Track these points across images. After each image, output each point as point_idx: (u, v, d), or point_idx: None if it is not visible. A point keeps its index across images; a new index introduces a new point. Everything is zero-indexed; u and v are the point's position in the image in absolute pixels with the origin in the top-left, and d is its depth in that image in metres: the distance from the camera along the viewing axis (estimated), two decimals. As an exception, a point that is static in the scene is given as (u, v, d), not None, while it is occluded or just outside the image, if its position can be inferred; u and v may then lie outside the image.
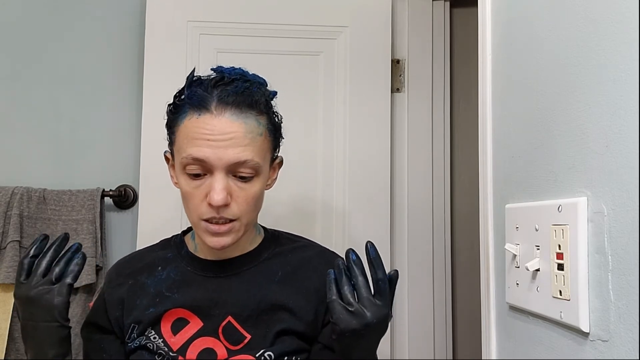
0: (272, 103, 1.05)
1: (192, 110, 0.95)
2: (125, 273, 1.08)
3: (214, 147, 0.92)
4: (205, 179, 0.95)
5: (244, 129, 0.94)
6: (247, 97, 0.96)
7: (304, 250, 1.11)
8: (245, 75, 1.01)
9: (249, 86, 0.98)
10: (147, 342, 1.00)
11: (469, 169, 2.02)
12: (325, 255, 1.11)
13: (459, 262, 2.01)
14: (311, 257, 1.09)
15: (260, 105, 0.98)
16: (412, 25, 1.96)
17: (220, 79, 0.98)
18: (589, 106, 0.64)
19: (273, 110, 1.04)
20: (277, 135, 1.04)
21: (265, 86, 1.04)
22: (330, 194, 1.83)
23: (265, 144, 0.98)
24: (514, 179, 0.84)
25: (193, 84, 0.99)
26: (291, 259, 1.08)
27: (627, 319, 0.57)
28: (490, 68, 0.93)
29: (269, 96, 1.03)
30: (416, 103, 1.94)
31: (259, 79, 1.04)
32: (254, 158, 0.94)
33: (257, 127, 0.96)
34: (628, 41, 0.58)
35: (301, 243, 1.13)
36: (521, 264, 0.78)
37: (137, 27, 1.89)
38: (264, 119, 0.98)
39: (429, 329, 1.91)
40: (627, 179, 0.57)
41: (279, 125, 1.05)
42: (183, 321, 1.00)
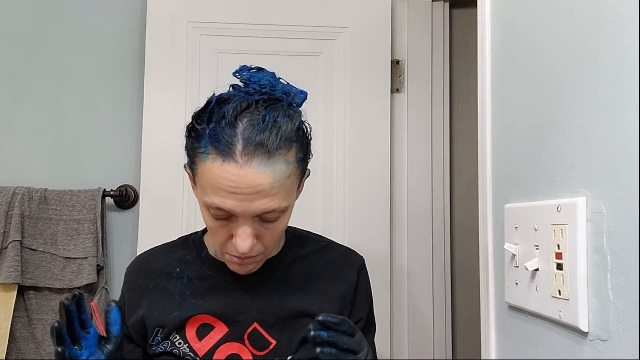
0: (302, 110, 0.95)
1: (216, 153, 0.85)
2: (144, 273, 1.05)
3: (239, 199, 0.85)
4: (231, 221, 0.89)
5: (272, 178, 0.85)
6: (276, 134, 0.85)
7: (327, 251, 1.09)
8: (274, 93, 0.90)
9: (278, 115, 0.87)
10: (172, 348, 0.98)
11: (468, 169, 2.02)
12: (348, 257, 1.10)
13: (459, 261, 2.01)
14: (334, 259, 1.08)
15: (290, 138, 0.88)
16: (411, 25, 1.96)
17: (246, 107, 0.87)
18: (588, 106, 0.64)
19: (303, 130, 0.93)
20: (306, 158, 0.95)
21: (295, 98, 0.93)
22: (330, 194, 1.84)
23: (293, 180, 0.90)
24: (513, 179, 0.84)
25: (214, 112, 0.88)
26: (315, 263, 1.06)
27: (626, 318, 0.57)
28: (490, 68, 0.93)
29: (299, 117, 0.93)
30: (416, 103, 1.94)
31: (287, 90, 0.93)
32: (281, 205, 0.88)
33: (286, 170, 0.87)
34: (628, 41, 0.58)
35: (323, 243, 1.11)
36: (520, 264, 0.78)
37: (137, 28, 1.89)
38: (293, 153, 0.89)
39: (428, 328, 1.91)
40: (626, 179, 0.57)
41: (308, 144, 0.96)
42: (208, 327, 0.98)
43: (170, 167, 1.79)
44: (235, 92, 0.91)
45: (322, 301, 1.02)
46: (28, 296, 1.71)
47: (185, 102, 1.82)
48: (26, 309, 1.71)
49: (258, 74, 0.93)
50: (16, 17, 1.88)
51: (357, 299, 1.07)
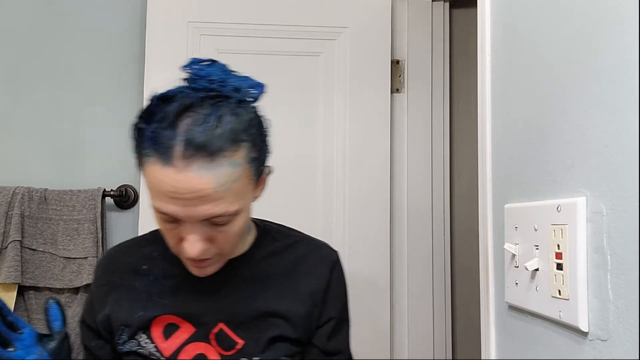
0: (256, 106, 0.90)
1: (156, 156, 0.80)
2: (111, 270, 1.03)
3: (181, 204, 0.81)
4: (180, 224, 0.85)
5: (215, 182, 0.80)
6: (219, 135, 0.80)
7: (299, 247, 1.05)
8: (223, 89, 0.84)
9: (223, 114, 0.81)
10: (138, 348, 0.96)
11: (468, 169, 2.02)
12: (321, 252, 1.06)
13: (459, 261, 2.01)
14: (306, 255, 1.04)
15: (237, 139, 0.82)
16: (411, 26, 1.96)
17: (189, 106, 0.81)
18: (588, 106, 0.64)
19: (256, 127, 0.87)
20: (262, 157, 0.89)
21: (247, 94, 0.87)
22: (330, 194, 1.84)
23: (244, 182, 0.85)
24: (513, 179, 0.84)
25: (156, 112, 0.81)
26: (285, 260, 1.02)
27: (626, 318, 0.57)
28: (490, 68, 0.93)
29: (251, 114, 0.87)
30: (416, 103, 1.94)
31: (239, 85, 0.86)
32: (228, 209, 0.83)
33: (232, 173, 0.81)
34: (628, 41, 0.58)
35: (295, 238, 1.07)
36: (520, 264, 0.78)
37: (137, 28, 1.89)
38: (241, 154, 0.83)
39: (428, 328, 1.91)
40: (626, 179, 0.57)
41: (264, 141, 0.89)
42: (174, 326, 0.97)
43: (170, 167, 1.79)
44: (181, 89, 0.84)
45: (291, 300, 0.99)
46: (28, 296, 1.71)
47: (185, 102, 1.82)
48: (26, 309, 1.71)
49: (207, 68, 0.86)
50: (16, 17, 1.88)
51: (328, 297, 1.03)
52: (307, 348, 1.02)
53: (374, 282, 1.84)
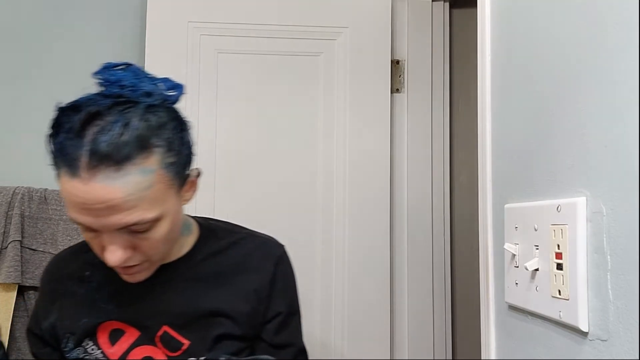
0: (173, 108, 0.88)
1: (64, 167, 0.79)
2: (55, 278, 1.03)
3: (93, 215, 0.79)
4: (100, 233, 0.83)
5: (123, 192, 0.78)
6: (126, 143, 0.77)
7: (243, 244, 1.03)
8: (133, 94, 0.82)
9: (130, 121, 0.79)
10: (85, 355, 0.96)
11: (468, 169, 2.02)
12: (266, 247, 1.05)
13: (459, 262, 2.01)
14: (250, 252, 1.02)
15: (147, 145, 0.80)
16: (411, 26, 1.96)
17: (95, 114, 0.79)
18: (588, 106, 0.64)
19: (172, 131, 0.84)
20: (182, 160, 0.87)
21: (159, 97, 0.85)
22: (330, 194, 1.84)
23: (160, 188, 0.82)
24: (513, 179, 0.84)
25: (63, 121, 0.81)
26: (229, 258, 1.01)
27: (626, 318, 0.57)
28: (490, 68, 0.93)
29: (164, 118, 0.84)
30: (416, 103, 1.94)
31: (151, 89, 0.84)
32: (145, 216, 0.81)
33: (143, 181, 0.79)
34: (628, 41, 0.58)
35: (239, 235, 1.05)
36: (520, 264, 0.78)
37: (137, 28, 1.89)
38: (154, 160, 0.81)
39: (428, 328, 1.91)
40: (626, 179, 0.57)
41: (182, 144, 0.87)
42: (119, 332, 0.96)
43: (170, 167, 1.79)
44: (90, 97, 0.83)
45: (235, 298, 0.98)
46: (28, 296, 1.71)
47: (185, 102, 1.81)
48: (26, 308, 1.71)
49: (118, 73, 0.84)
50: (16, 17, 1.88)
51: (274, 292, 1.01)
52: (256, 343, 1.01)
53: (374, 281, 1.84)
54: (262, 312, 1.00)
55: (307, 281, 1.82)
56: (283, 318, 1.02)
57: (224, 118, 1.84)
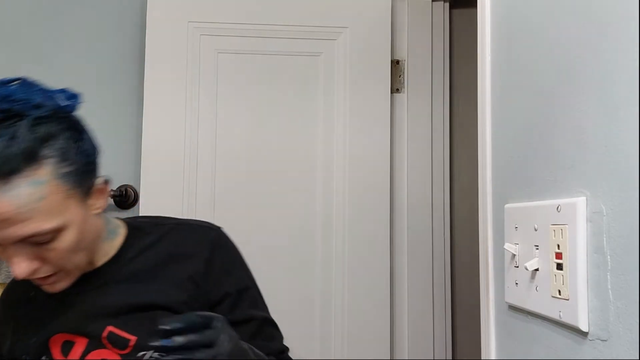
0: (68, 118, 0.88)
1: None
2: (7, 304, 1.04)
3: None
4: (5, 247, 0.83)
5: (14, 205, 0.78)
6: (13, 156, 0.78)
7: (174, 234, 1.03)
8: (24, 108, 0.82)
9: (16, 134, 0.79)
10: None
11: (468, 168, 2.02)
12: (196, 233, 1.04)
13: (459, 262, 2.01)
14: (181, 240, 1.03)
15: (35, 157, 0.80)
16: (411, 26, 1.96)
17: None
18: (588, 106, 0.64)
19: (67, 141, 0.85)
20: (81, 168, 0.87)
21: (46, 109, 0.84)
22: (330, 194, 1.84)
23: (56, 199, 0.82)
24: (513, 179, 0.84)
25: None
26: (160, 250, 1.01)
27: (626, 318, 0.57)
28: (490, 68, 0.93)
29: (54, 128, 0.84)
30: (416, 103, 1.95)
31: (41, 102, 0.84)
32: (42, 227, 0.81)
33: (34, 192, 0.80)
34: (628, 41, 0.58)
35: (169, 226, 1.05)
36: (520, 264, 0.78)
37: (137, 28, 1.89)
38: (46, 171, 0.81)
39: (428, 328, 1.91)
40: (626, 179, 0.57)
41: (78, 154, 0.87)
42: (70, 342, 0.97)
43: (170, 167, 1.79)
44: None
45: (170, 289, 0.98)
46: (28, 296, 1.70)
47: (185, 102, 1.82)
48: (26, 309, 1.70)
49: (10, 88, 0.84)
50: (16, 17, 1.88)
51: (213, 275, 1.01)
52: None
53: (374, 282, 1.84)
54: (204, 296, 0.99)
55: (307, 281, 1.82)
56: (233, 298, 1.02)
57: (224, 118, 1.84)
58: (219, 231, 1.07)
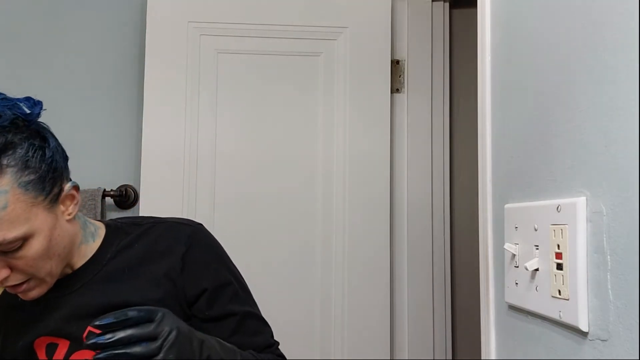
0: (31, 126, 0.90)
1: None
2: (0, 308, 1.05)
3: None
4: None
5: None
6: None
7: (150, 233, 1.04)
8: None
9: None
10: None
11: (468, 169, 2.02)
12: (172, 230, 1.04)
13: (459, 262, 2.01)
14: (157, 238, 1.03)
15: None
16: (411, 26, 1.96)
17: None
18: (588, 106, 0.64)
19: (24, 149, 0.86)
20: (44, 175, 0.88)
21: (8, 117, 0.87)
22: (330, 194, 1.84)
23: (20, 207, 0.84)
24: (513, 179, 0.84)
25: None
26: (137, 249, 1.01)
27: (627, 318, 0.57)
28: (490, 68, 0.93)
29: (16, 137, 0.86)
30: (416, 103, 1.95)
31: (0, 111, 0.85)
32: (4, 237, 0.82)
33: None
34: (628, 41, 0.58)
35: (146, 225, 1.05)
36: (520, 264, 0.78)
37: (137, 28, 1.89)
38: (6, 180, 0.83)
39: (428, 328, 1.91)
40: (626, 179, 0.57)
41: (41, 162, 0.88)
42: (53, 345, 0.98)
43: (170, 167, 1.79)
44: None
45: (146, 287, 0.98)
46: (28, 296, 1.71)
47: (185, 102, 1.82)
48: (26, 309, 1.71)
49: None
50: (16, 17, 1.88)
51: (189, 270, 1.01)
52: (193, 321, 1.00)
53: (374, 281, 1.84)
54: (181, 292, 0.99)
55: (307, 281, 1.83)
56: (210, 294, 1.01)
57: (224, 118, 1.84)
58: (197, 227, 1.07)
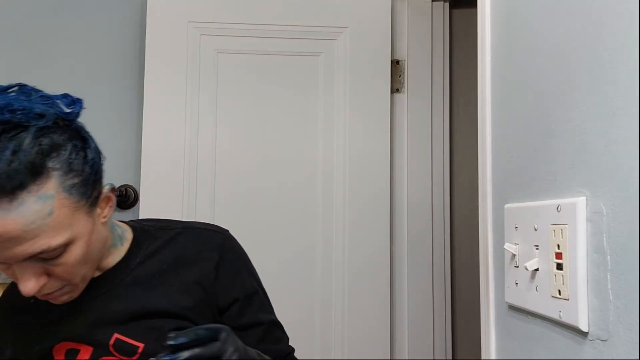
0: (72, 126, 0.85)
1: None
2: (7, 312, 1.01)
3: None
4: (9, 264, 0.81)
5: (21, 223, 0.74)
6: (15, 172, 0.74)
7: (180, 238, 1.01)
8: (25, 117, 0.77)
9: (19, 147, 0.75)
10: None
11: (468, 169, 2.02)
12: (203, 237, 1.02)
13: (459, 262, 2.01)
14: (188, 245, 1.00)
15: (40, 170, 0.76)
16: (411, 26, 1.96)
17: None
18: (588, 106, 0.64)
19: (72, 152, 0.82)
20: (87, 177, 0.84)
21: (52, 116, 0.80)
22: (330, 194, 1.84)
23: (64, 212, 0.79)
24: (513, 179, 0.84)
25: None
26: (167, 255, 0.99)
27: (626, 318, 0.57)
28: (490, 68, 0.93)
29: (59, 138, 0.80)
30: (416, 103, 1.95)
31: (44, 110, 0.79)
32: (51, 244, 0.78)
33: (42, 209, 0.76)
34: (628, 41, 0.58)
35: (176, 230, 1.02)
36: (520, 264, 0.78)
37: (137, 28, 1.89)
38: (52, 185, 0.77)
39: (428, 329, 1.91)
40: (626, 179, 0.57)
41: (84, 163, 0.84)
42: (74, 350, 0.94)
43: (170, 167, 1.80)
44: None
45: (177, 295, 0.96)
46: (28, 296, 1.70)
47: (185, 102, 1.82)
48: (26, 309, 1.70)
49: (9, 96, 0.79)
50: (16, 17, 1.88)
51: (222, 279, 0.99)
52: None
53: (374, 281, 1.84)
54: (212, 301, 0.98)
55: (307, 281, 1.82)
56: (241, 303, 1.00)
57: (224, 118, 1.84)
58: (227, 234, 1.06)
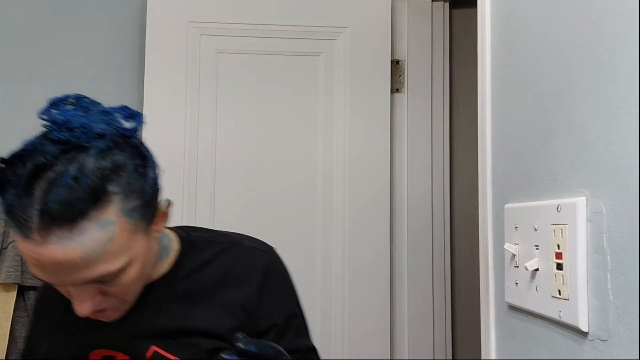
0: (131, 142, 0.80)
1: (15, 228, 0.73)
2: (46, 307, 0.99)
3: (52, 274, 0.75)
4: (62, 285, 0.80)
5: (81, 251, 0.72)
6: (78, 198, 0.70)
7: (227, 255, 0.98)
8: (84, 137, 0.73)
9: (80, 171, 0.71)
10: None
11: (468, 169, 2.02)
12: (251, 257, 0.99)
13: (459, 262, 2.01)
14: (234, 264, 0.97)
15: (101, 196, 0.72)
16: (411, 26, 1.96)
17: (41, 167, 0.71)
18: (588, 106, 0.64)
19: (128, 171, 0.77)
20: (145, 198, 0.79)
21: (112, 136, 0.76)
22: (330, 194, 1.84)
23: (124, 237, 0.76)
24: (513, 179, 0.84)
25: (9, 175, 0.72)
26: (212, 271, 0.95)
27: (626, 318, 0.57)
28: (490, 68, 0.93)
29: (120, 156, 0.76)
30: (416, 103, 1.95)
31: (104, 128, 0.75)
32: (109, 269, 0.76)
33: (103, 236, 0.73)
34: (628, 41, 0.58)
35: (223, 245, 0.99)
36: (520, 264, 0.78)
37: (137, 28, 1.89)
38: (113, 210, 0.74)
39: (428, 328, 1.91)
40: (626, 179, 0.57)
41: (143, 183, 0.79)
42: (111, 358, 0.92)
43: (170, 167, 1.79)
44: (35, 142, 0.75)
45: (220, 315, 0.93)
46: (28, 296, 1.70)
47: (185, 102, 1.82)
48: (26, 309, 1.71)
49: (66, 112, 0.75)
50: (16, 17, 1.88)
51: (265, 304, 0.96)
52: None
53: (374, 281, 1.84)
54: (253, 323, 0.96)
55: (307, 281, 1.82)
56: (281, 328, 0.99)
57: (224, 118, 1.84)
58: (273, 254, 1.03)
